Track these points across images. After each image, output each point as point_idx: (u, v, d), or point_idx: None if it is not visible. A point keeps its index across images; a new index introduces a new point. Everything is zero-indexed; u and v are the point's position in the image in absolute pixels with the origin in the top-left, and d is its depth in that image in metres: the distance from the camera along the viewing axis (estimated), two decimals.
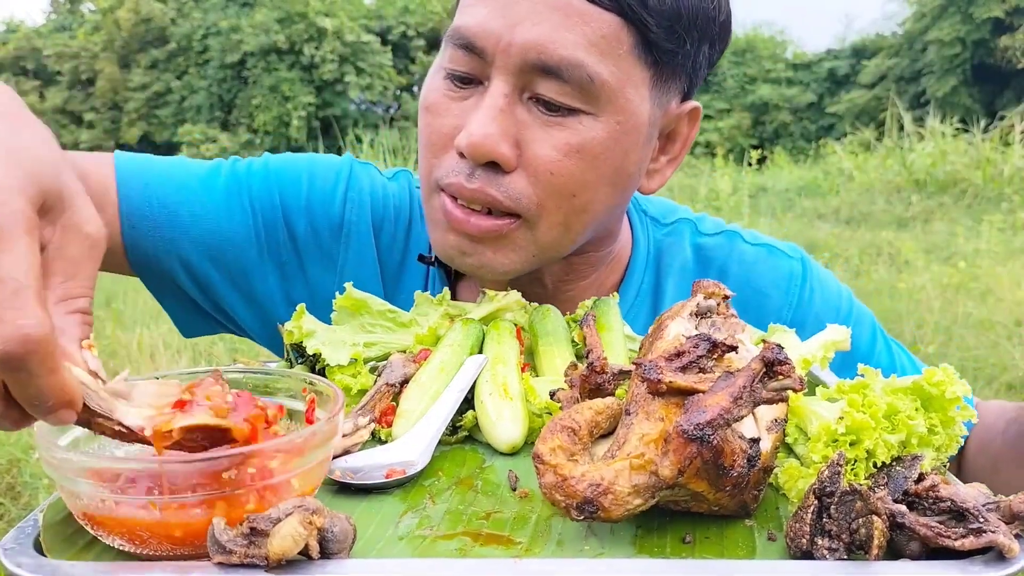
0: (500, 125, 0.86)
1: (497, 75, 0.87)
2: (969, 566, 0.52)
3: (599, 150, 0.89)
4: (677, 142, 1.00)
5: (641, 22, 0.85)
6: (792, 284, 1.13)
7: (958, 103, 18.07)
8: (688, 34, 0.89)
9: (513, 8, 0.85)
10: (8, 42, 22.03)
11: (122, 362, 4.20)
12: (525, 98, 0.88)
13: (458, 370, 0.83)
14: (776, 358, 0.60)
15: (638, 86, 0.89)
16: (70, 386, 0.51)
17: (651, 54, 0.88)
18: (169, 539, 0.54)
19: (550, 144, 0.88)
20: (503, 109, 0.86)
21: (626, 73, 0.88)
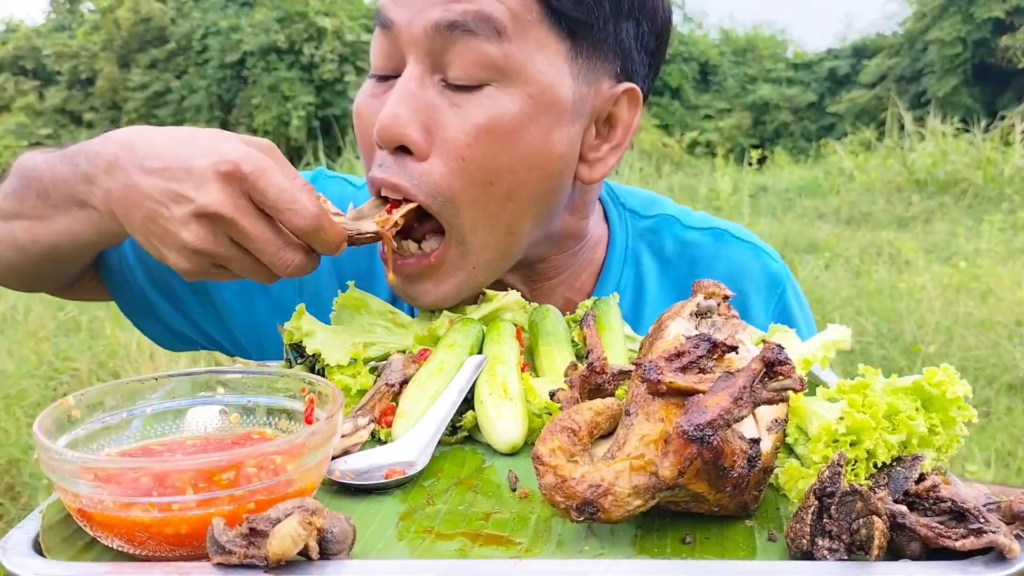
0: (408, 107, 0.84)
1: (408, 56, 0.86)
2: (969, 566, 0.51)
3: (511, 126, 0.85)
4: (618, 128, 0.95)
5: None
6: (775, 289, 1.13)
7: (958, 103, 18.06)
8: (597, 4, 0.86)
9: None
10: (8, 42, 22.02)
11: (122, 362, 4.20)
12: (437, 80, 0.86)
13: (458, 370, 0.83)
14: (776, 358, 0.60)
15: (552, 57, 0.86)
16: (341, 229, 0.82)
17: (562, 25, 0.86)
18: (168, 540, 0.54)
19: (459, 127, 0.85)
20: (413, 92, 0.85)
21: (537, 42, 0.85)
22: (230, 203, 0.76)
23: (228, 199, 0.76)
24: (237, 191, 0.76)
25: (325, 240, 0.80)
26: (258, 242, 0.78)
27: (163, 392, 0.70)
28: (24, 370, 4.03)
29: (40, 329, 4.67)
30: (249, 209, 0.77)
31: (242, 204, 0.77)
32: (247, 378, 0.71)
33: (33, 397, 3.74)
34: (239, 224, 0.77)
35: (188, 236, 0.77)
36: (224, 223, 0.77)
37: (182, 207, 0.76)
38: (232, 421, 0.71)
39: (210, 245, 0.77)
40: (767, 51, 23.85)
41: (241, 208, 0.77)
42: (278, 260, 0.79)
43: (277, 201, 0.77)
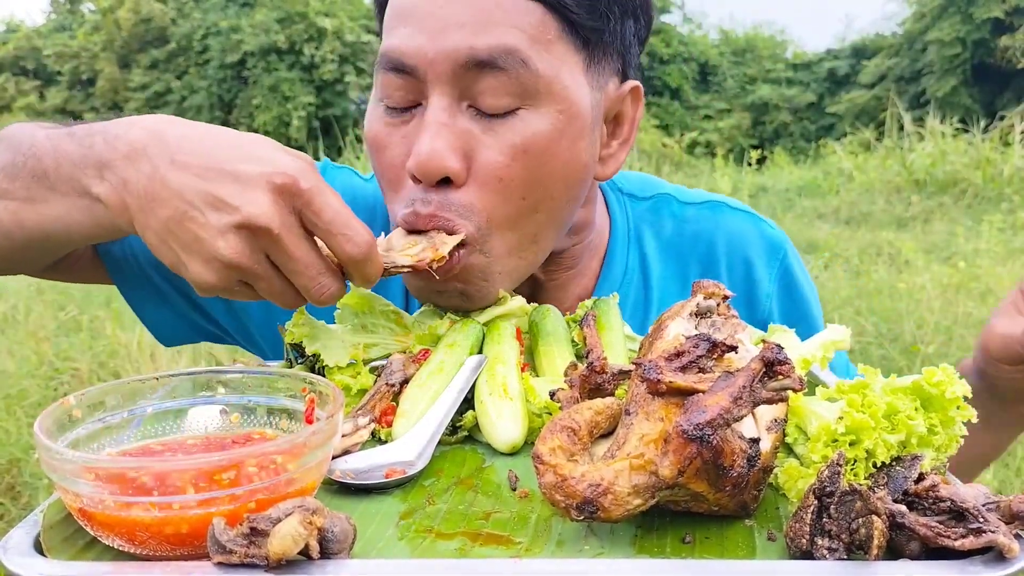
0: (445, 139, 0.84)
1: (433, 90, 0.85)
2: (969, 566, 0.52)
3: (545, 144, 0.87)
4: (624, 124, 0.98)
5: (561, 5, 0.85)
6: (775, 253, 1.14)
7: (958, 103, 18.06)
8: (610, 10, 0.88)
9: (432, 19, 0.84)
10: (8, 42, 22.02)
11: (122, 362, 4.20)
12: (465, 107, 0.86)
13: (458, 370, 0.83)
14: (776, 358, 0.60)
15: (573, 71, 0.88)
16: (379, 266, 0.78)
17: (578, 36, 0.87)
18: (168, 539, 0.54)
19: (497, 150, 0.86)
20: (445, 123, 0.85)
21: (559, 59, 0.86)
22: (279, 218, 0.70)
23: (278, 214, 0.70)
24: (288, 207, 0.71)
25: (368, 272, 0.76)
26: (299, 264, 0.73)
27: (164, 392, 0.70)
28: (25, 370, 4.03)
29: (41, 329, 4.67)
30: (296, 227, 0.72)
31: (290, 221, 0.71)
32: (247, 378, 0.71)
33: (34, 397, 3.74)
34: (284, 242, 0.71)
35: (224, 248, 0.70)
36: (267, 239, 0.71)
37: (223, 215, 0.70)
38: (233, 421, 0.71)
39: (246, 260, 0.71)
40: (766, 51, 23.85)
41: (288, 225, 0.71)
42: (314, 285, 0.74)
43: (331, 224, 0.72)
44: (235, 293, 0.76)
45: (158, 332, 1.16)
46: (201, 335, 1.16)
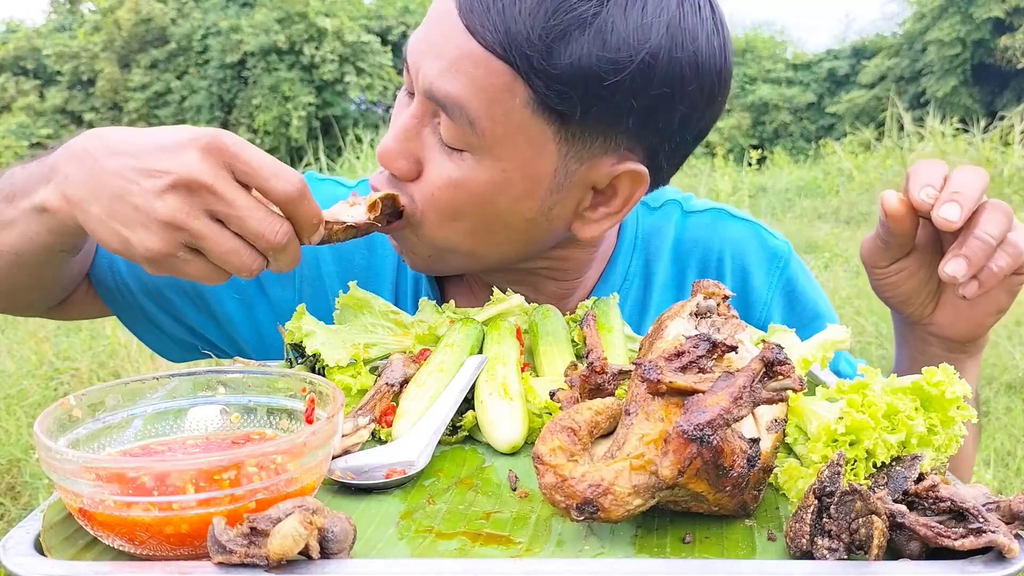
0: (401, 144, 0.90)
1: (416, 95, 0.90)
2: (969, 566, 0.52)
3: (479, 190, 0.88)
4: (617, 198, 0.94)
5: (529, 81, 0.82)
6: (775, 262, 1.14)
7: (958, 103, 18.07)
8: (588, 102, 0.83)
9: (430, 37, 0.87)
10: (8, 42, 22.02)
11: (122, 362, 4.20)
12: (436, 123, 0.88)
13: (458, 370, 0.83)
14: (776, 358, 0.60)
15: (535, 138, 0.85)
16: (318, 209, 0.79)
17: (550, 111, 0.84)
18: (169, 539, 0.54)
19: (438, 171, 0.89)
20: (409, 129, 0.90)
21: (517, 124, 0.84)
22: (210, 170, 0.72)
23: (208, 167, 0.72)
24: (218, 162, 0.73)
25: (307, 212, 0.77)
26: (242, 209, 0.73)
27: (164, 392, 0.70)
28: (25, 370, 4.03)
29: (41, 329, 4.67)
30: (230, 178, 0.73)
31: (222, 174, 0.73)
32: (248, 378, 0.72)
33: (34, 397, 3.74)
34: (220, 191, 0.72)
35: (162, 207, 0.71)
36: (204, 192, 0.72)
37: (156, 180, 0.72)
38: (233, 421, 0.71)
39: (185, 216, 0.72)
40: (766, 51, 23.85)
41: (222, 177, 0.73)
42: (265, 228, 0.74)
43: (262, 167, 0.73)
44: (186, 263, 0.75)
45: (163, 353, 1.20)
46: (195, 353, 1.20)
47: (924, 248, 0.89)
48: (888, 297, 0.93)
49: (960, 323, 0.91)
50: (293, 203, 0.75)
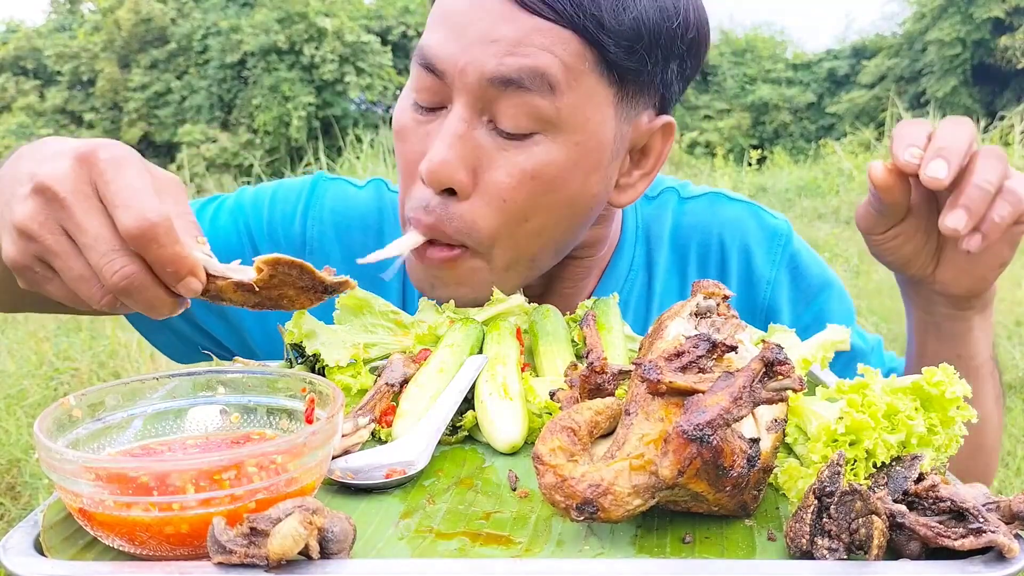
0: (457, 152, 0.86)
1: (458, 98, 0.87)
2: (969, 566, 0.52)
3: (555, 173, 0.88)
4: (651, 157, 0.98)
5: (599, 42, 0.84)
6: (776, 241, 1.14)
7: (958, 103, 18.06)
8: (650, 54, 0.87)
9: (469, 29, 0.85)
10: (8, 42, 22.02)
11: (122, 362, 4.20)
12: (485, 121, 0.87)
13: (458, 370, 0.83)
14: (776, 358, 0.60)
15: (600, 105, 0.88)
16: (192, 257, 0.65)
17: (613, 72, 0.87)
18: (168, 539, 0.54)
19: (505, 170, 0.87)
20: (461, 135, 0.86)
21: (588, 91, 0.86)
22: (69, 183, 0.64)
23: (70, 180, 0.65)
24: (84, 177, 0.65)
25: (158, 256, 0.64)
26: (88, 236, 0.64)
27: (164, 392, 0.70)
28: (24, 370, 4.03)
29: (41, 329, 4.67)
30: (90, 198, 0.65)
31: (84, 190, 0.65)
32: (247, 378, 0.71)
33: (34, 397, 3.74)
34: (73, 209, 0.64)
35: (19, 212, 0.65)
36: (58, 206, 0.65)
37: (25, 185, 0.66)
38: (233, 421, 0.71)
39: (36, 227, 0.65)
40: (766, 52, 23.85)
41: (81, 193, 0.65)
42: (104, 263, 0.64)
43: (116, 195, 0.64)
44: (45, 280, 0.69)
45: (169, 353, 1.19)
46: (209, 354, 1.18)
47: (919, 209, 0.86)
48: (888, 261, 0.91)
49: (963, 279, 0.88)
50: (136, 242, 0.63)
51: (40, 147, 0.72)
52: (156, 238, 0.63)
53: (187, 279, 0.66)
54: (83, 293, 0.67)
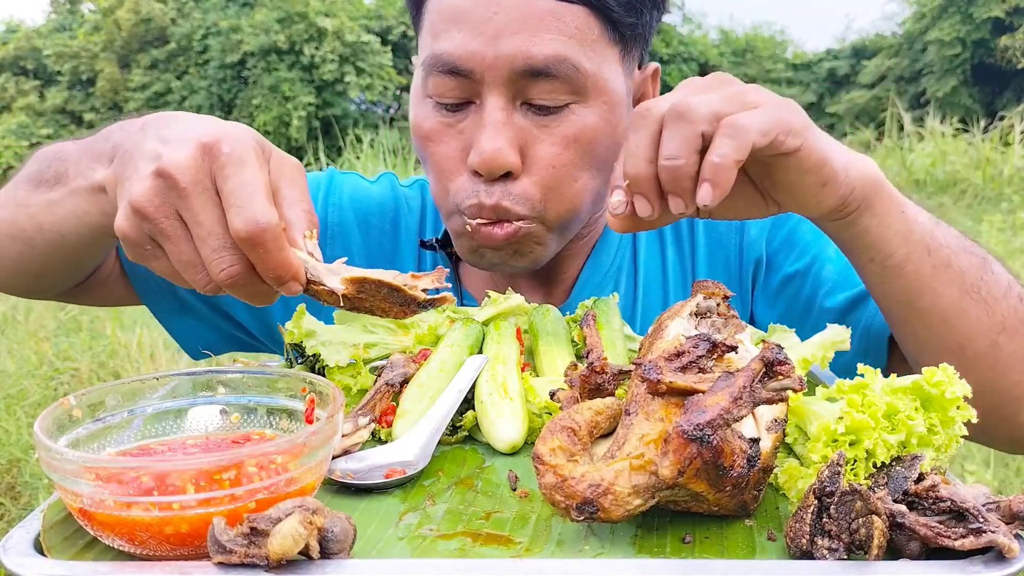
0: (505, 137, 0.92)
1: (489, 91, 0.92)
2: (969, 566, 0.52)
3: (592, 135, 0.95)
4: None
5: (603, 5, 0.91)
6: None
7: (958, 103, 18.07)
8: (643, 5, 0.96)
9: (488, 25, 0.89)
10: (8, 42, 22.02)
11: (122, 362, 4.20)
12: (519, 105, 0.93)
13: (458, 370, 0.83)
14: (776, 358, 0.60)
15: (612, 64, 0.96)
16: (295, 263, 0.67)
17: (616, 32, 0.95)
18: (168, 539, 0.54)
19: (549, 142, 0.94)
20: (504, 122, 0.92)
21: (601, 55, 0.94)
22: (191, 174, 0.66)
23: (192, 168, 0.66)
24: (205, 169, 0.67)
25: (263, 262, 0.66)
26: (203, 228, 0.66)
27: (164, 392, 0.70)
28: (25, 370, 4.03)
29: (40, 329, 4.67)
30: (208, 192, 0.67)
31: (203, 182, 0.66)
32: (247, 378, 0.72)
33: (34, 397, 3.74)
34: (191, 199, 0.66)
35: (137, 191, 0.67)
36: (176, 193, 0.66)
37: (149, 164, 0.68)
38: (233, 421, 0.71)
39: (152, 209, 0.66)
40: (766, 51, 23.86)
41: (200, 185, 0.66)
42: (213, 257, 0.66)
43: (231, 193, 0.66)
44: (153, 258, 0.70)
45: (186, 344, 1.19)
46: (228, 342, 1.20)
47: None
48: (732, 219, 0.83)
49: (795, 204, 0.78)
50: (244, 245, 0.65)
51: (167, 123, 0.73)
52: (263, 243, 0.65)
53: (288, 283, 0.68)
54: (189, 277, 0.69)
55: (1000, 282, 0.85)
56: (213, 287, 0.69)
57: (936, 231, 0.82)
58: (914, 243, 0.80)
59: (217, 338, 1.18)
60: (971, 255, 0.84)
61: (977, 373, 0.80)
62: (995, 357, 0.84)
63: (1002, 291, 0.84)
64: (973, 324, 0.83)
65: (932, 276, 0.81)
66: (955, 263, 0.82)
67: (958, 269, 0.82)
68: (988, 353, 0.84)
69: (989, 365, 0.84)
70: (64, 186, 0.83)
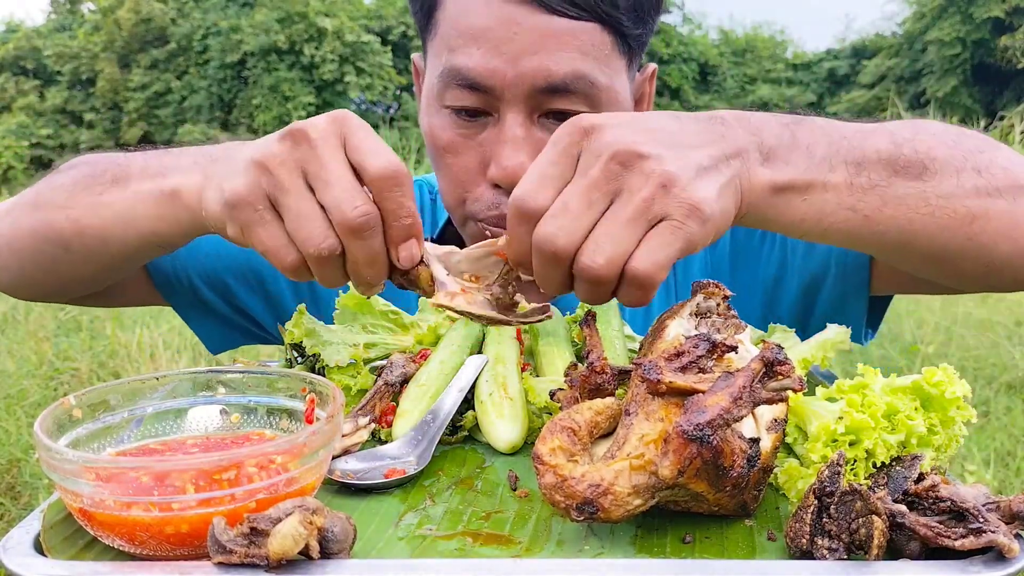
0: (526, 152, 0.93)
1: (508, 108, 0.93)
2: (969, 566, 0.52)
3: None
4: (644, 102, 1.10)
5: (616, 21, 0.93)
6: None
7: (958, 103, 18.08)
8: (648, 15, 0.98)
9: (507, 45, 0.91)
10: (8, 42, 22.02)
11: (122, 362, 4.20)
12: (536, 119, 0.95)
13: (458, 370, 0.83)
14: (776, 358, 0.60)
15: (621, 75, 0.98)
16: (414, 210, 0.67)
17: (626, 44, 0.97)
18: (168, 539, 0.54)
19: None
20: (524, 137, 0.94)
21: (613, 69, 0.96)
22: (321, 130, 0.67)
23: (321, 126, 0.68)
24: (336, 130, 0.68)
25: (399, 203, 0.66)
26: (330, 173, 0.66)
27: (164, 392, 0.70)
28: (25, 370, 4.03)
29: (41, 329, 4.67)
30: (339, 147, 0.68)
31: (333, 141, 0.68)
32: (248, 378, 0.72)
33: (34, 397, 3.74)
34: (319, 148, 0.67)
35: (263, 150, 0.68)
36: (305, 145, 0.67)
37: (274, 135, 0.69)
38: (233, 421, 0.71)
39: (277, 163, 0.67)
40: (766, 51, 23.86)
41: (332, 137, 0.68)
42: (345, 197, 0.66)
43: (363, 141, 0.68)
44: (261, 223, 0.68)
45: (208, 340, 1.22)
46: (246, 336, 1.22)
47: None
48: None
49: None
50: (383, 183, 0.66)
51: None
52: (401, 184, 0.66)
53: (410, 242, 0.68)
54: (304, 232, 0.67)
55: (947, 173, 0.76)
56: (329, 243, 0.66)
57: (856, 180, 0.74)
58: (829, 215, 0.73)
59: (235, 334, 1.22)
60: (906, 170, 0.75)
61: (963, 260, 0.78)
62: (976, 243, 0.78)
63: (952, 184, 0.76)
64: (938, 233, 0.76)
65: (868, 225, 0.75)
66: (890, 197, 0.75)
67: (895, 200, 0.75)
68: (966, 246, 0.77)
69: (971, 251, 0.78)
70: (123, 188, 0.83)
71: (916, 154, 0.76)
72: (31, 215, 0.90)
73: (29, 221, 0.90)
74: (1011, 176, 0.78)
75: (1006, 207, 0.77)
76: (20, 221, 0.92)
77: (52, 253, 0.90)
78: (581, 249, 0.63)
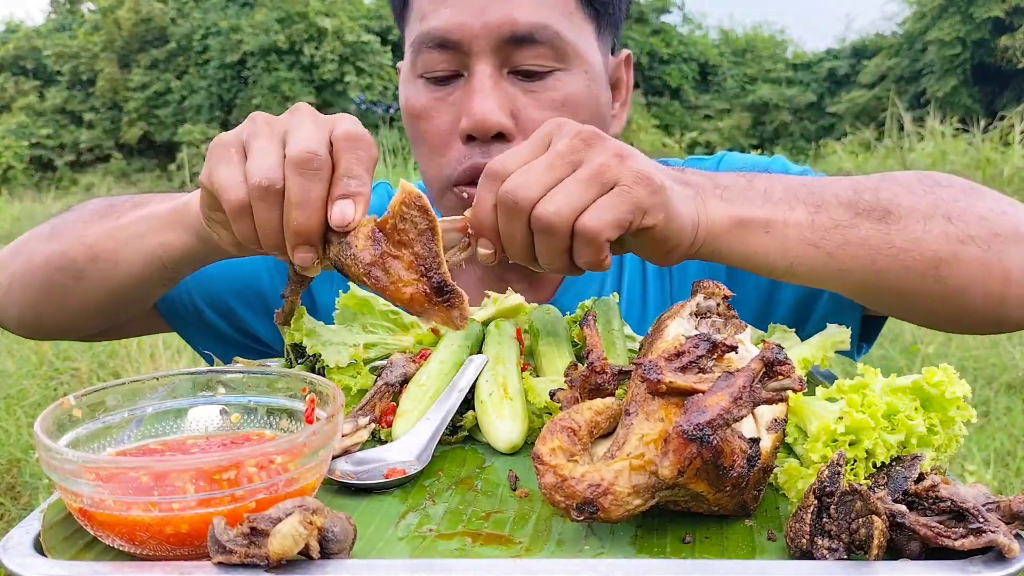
0: (495, 100, 0.96)
1: (477, 61, 0.96)
2: (969, 566, 0.52)
3: (580, 99, 1.00)
4: (622, 88, 1.14)
5: None
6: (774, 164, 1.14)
7: (958, 103, 18.07)
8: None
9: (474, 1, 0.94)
10: (8, 42, 22.01)
11: (122, 362, 4.20)
12: (506, 73, 0.97)
13: (458, 370, 0.83)
14: (776, 358, 0.60)
15: (588, 38, 1.02)
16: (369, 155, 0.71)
17: (591, 8, 1.01)
18: (168, 539, 0.54)
19: (538, 105, 0.98)
20: (493, 87, 0.96)
21: (578, 27, 1.00)
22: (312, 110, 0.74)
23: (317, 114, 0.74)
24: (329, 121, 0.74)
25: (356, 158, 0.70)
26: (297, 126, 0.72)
27: (164, 392, 0.70)
28: (24, 370, 4.03)
29: None
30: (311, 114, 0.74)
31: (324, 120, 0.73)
32: (247, 378, 0.72)
33: (33, 397, 3.74)
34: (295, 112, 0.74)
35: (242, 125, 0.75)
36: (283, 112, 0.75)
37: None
38: (233, 421, 0.71)
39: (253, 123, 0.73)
40: (766, 51, 23.87)
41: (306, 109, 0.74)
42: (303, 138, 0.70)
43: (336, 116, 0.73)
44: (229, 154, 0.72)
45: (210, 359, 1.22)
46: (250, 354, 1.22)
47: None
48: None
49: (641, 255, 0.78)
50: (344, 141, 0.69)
51: None
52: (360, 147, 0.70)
53: (347, 201, 0.69)
54: (254, 165, 0.69)
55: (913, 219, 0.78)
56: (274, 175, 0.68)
57: (817, 219, 0.76)
58: (792, 249, 0.75)
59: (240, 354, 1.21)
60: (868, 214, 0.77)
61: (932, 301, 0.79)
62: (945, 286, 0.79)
63: (919, 229, 0.77)
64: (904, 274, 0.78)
65: (833, 262, 0.76)
66: (853, 237, 0.76)
67: (859, 240, 0.76)
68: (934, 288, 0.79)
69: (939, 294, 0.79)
70: (141, 209, 0.88)
71: (878, 200, 0.78)
72: (46, 246, 0.94)
73: (44, 252, 0.94)
74: (987, 225, 0.79)
75: (978, 254, 0.78)
76: (34, 253, 0.95)
77: (63, 283, 0.93)
78: (539, 202, 0.67)
